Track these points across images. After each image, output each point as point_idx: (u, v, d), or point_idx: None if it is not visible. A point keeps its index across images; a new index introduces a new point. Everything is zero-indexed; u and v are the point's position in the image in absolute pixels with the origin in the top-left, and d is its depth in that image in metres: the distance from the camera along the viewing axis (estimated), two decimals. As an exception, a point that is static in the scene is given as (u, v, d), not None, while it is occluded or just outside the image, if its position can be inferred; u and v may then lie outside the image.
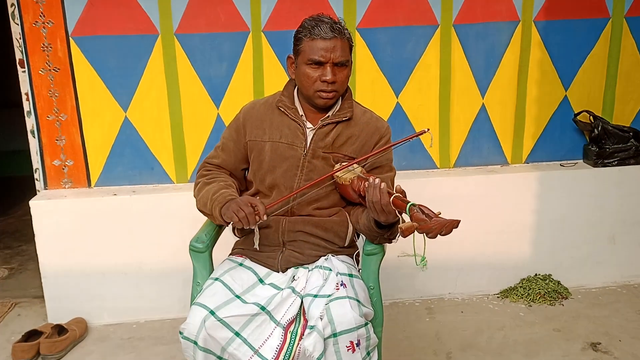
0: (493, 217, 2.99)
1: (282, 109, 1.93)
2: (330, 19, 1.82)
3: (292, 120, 1.92)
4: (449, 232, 1.46)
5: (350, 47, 1.87)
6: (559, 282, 3.05)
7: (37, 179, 2.88)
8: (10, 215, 4.48)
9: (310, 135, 1.91)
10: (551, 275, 3.07)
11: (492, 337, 2.66)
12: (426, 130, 1.71)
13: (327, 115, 1.92)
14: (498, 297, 3.04)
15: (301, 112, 1.94)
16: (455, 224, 1.45)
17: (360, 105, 2.01)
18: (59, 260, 2.80)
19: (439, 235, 1.47)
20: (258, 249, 1.89)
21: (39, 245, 2.78)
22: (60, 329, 2.69)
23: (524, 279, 3.06)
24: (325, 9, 2.76)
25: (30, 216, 2.76)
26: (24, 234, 3.97)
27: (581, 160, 3.13)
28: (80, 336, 2.72)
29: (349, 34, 1.85)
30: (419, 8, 2.83)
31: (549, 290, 2.98)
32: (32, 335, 2.64)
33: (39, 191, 2.88)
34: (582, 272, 3.11)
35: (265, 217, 1.77)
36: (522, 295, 2.98)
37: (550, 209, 3.02)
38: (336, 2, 2.77)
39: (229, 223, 1.82)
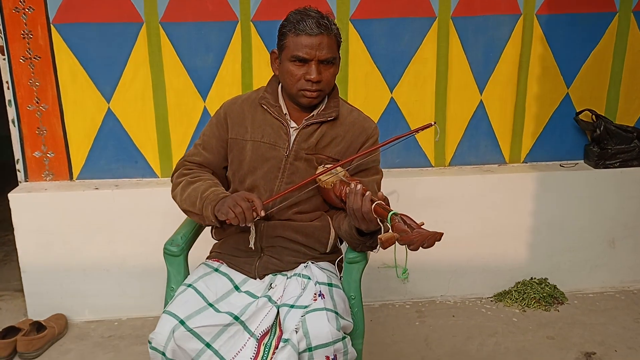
0: (489, 218, 2.89)
1: (265, 107, 1.83)
2: (318, 13, 1.71)
3: (275, 119, 1.82)
4: (431, 245, 1.37)
5: (338, 44, 1.76)
6: (555, 287, 2.96)
7: (18, 170, 2.80)
8: None
9: (293, 135, 1.81)
10: (547, 279, 2.98)
11: (483, 344, 2.57)
12: (432, 123, 1.61)
13: (311, 114, 1.82)
14: (492, 300, 2.95)
15: (285, 111, 1.84)
16: (438, 237, 1.37)
17: (347, 103, 1.91)
18: (39, 255, 2.72)
19: (420, 247, 1.38)
20: (253, 248, 1.79)
21: (18, 239, 2.70)
22: (38, 326, 2.61)
23: (519, 282, 2.97)
24: (318, -1, 2.65)
25: (10, 209, 2.69)
26: (12, 223, 3.89)
27: (582, 161, 3.02)
28: (59, 333, 2.65)
29: (337, 29, 1.74)
30: (415, -1, 2.71)
31: (545, 294, 2.89)
32: (9, 332, 2.56)
33: (20, 182, 2.80)
34: (580, 276, 3.01)
35: (262, 214, 1.66)
36: (517, 299, 2.89)
37: (548, 211, 2.91)
38: (329, -8, 2.66)
39: (222, 222, 1.71)
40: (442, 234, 1.36)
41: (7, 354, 2.48)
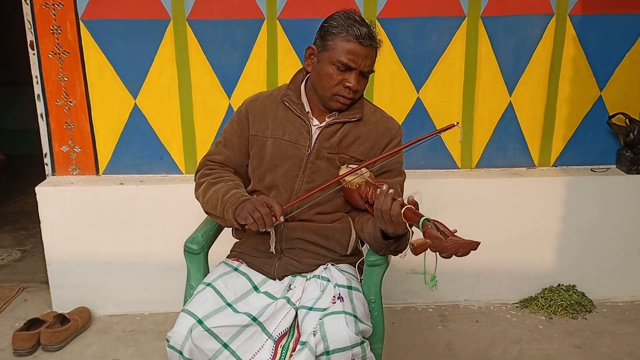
0: (516, 223, 2.83)
1: (287, 104, 1.81)
2: (366, 23, 1.68)
3: (297, 117, 1.80)
4: (466, 253, 1.32)
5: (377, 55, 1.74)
6: (583, 294, 2.88)
7: (46, 164, 2.83)
8: (30, 194, 4.47)
9: (315, 133, 1.79)
10: (575, 286, 2.90)
11: (506, 351, 2.51)
12: (455, 124, 1.56)
13: (334, 112, 1.80)
14: (517, 307, 2.89)
15: (307, 109, 1.82)
16: (474, 245, 1.32)
17: (370, 103, 1.88)
18: (65, 248, 2.75)
19: (454, 255, 1.34)
20: (274, 252, 1.78)
21: (44, 232, 2.73)
22: (62, 319, 2.64)
23: (545, 289, 2.90)
24: (345, -4, 2.62)
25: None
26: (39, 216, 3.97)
27: (614, 166, 2.93)
28: (82, 326, 2.68)
29: (381, 42, 1.72)
30: (444, -2, 2.66)
31: (572, 302, 2.81)
32: (34, 323, 2.60)
33: (47, 176, 2.83)
34: (609, 284, 2.92)
35: (282, 219, 1.64)
36: (543, 306, 2.82)
37: (578, 216, 2.84)
38: (357, -10, 2.63)
39: (243, 226, 1.70)
40: (479, 243, 1.31)
41: (30, 345, 2.51)
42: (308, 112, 1.81)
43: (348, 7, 1.75)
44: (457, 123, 1.56)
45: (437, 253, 1.35)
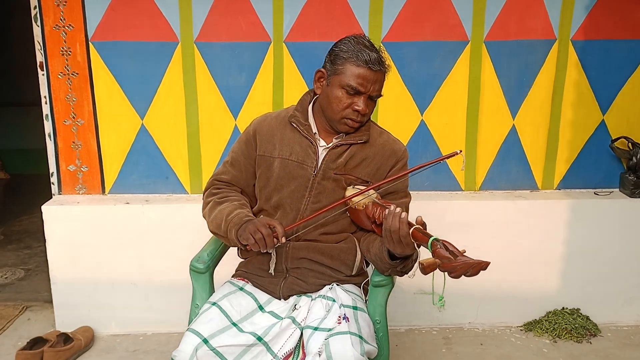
0: (520, 245, 2.83)
1: (295, 125, 1.83)
2: (376, 48, 1.71)
3: (305, 138, 1.82)
4: (475, 273, 1.33)
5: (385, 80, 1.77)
6: (587, 318, 2.87)
7: (52, 183, 2.85)
8: (34, 214, 4.50)
9: (322, 154, 1.81)
10: (579, 309, 2.89)
11: (511, 375, 2.50)
12: (458, 152, 1.57)
13: (341, 134, 1.82)
14: (521, 329, 2.88)
15: (315, 130, 1.84)
16: (483, 265, 1.32)
17: (376, 125, 1.91)
18: (69, 267, 2.76)
19: (463, 275, 1.34)
20: (273, 274, 1.79)
21: (50, 251, 2.75)
22: (65, 338, 2.64)
23: (550, 312, 2.89)
24: (350, 21, 2.66)
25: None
26: (44, 235, 3.97)
27: (617, 189, 2.94)
28: (85, 346, 2.67)
29: (389, 67, 1.75)
30: (448, 22, 2.70)
31: (577, 325, 2.80)
32: (37, 342, 2.59)
33: (54, 195, 2.85)
34: (614, 308, 2.91)
35: (283, 240, 1.65)
36: (547, 329, 2.81)
37: (581, 239, 2.84)
38: (362, 15, 2.67)
39: (246, 246, 1.71)
40: (489, 263, 1.32)
41: (33, 364, 2.50)
42: (315, 133, 1.83)
43: (354, 31, 1.79)
44: (460, 151, 1.57)
45: (446, 273, 1.35)
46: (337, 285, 1.79)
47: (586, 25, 2.73)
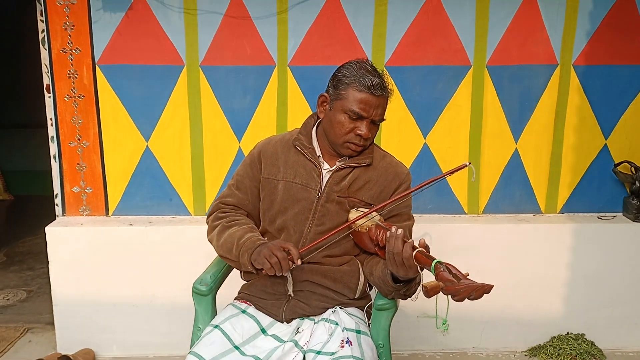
0: (523, 269, 2.82)
1: (299, 148, 1.84)
2: (378, 73, 1.73)
3: (308, 161, 1.83)
4: (478, 297, 1.32)
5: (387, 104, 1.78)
6: (592, 343, 2.84)
7: (56, 204, 2.86)
8: (37, 235, 4.50)
9: (326, 177, 1.82)
10: (584, 335, 2.87)
11: (515, 401, 2.47)
12: (467, 164, 1.57)
13: (345, 157, 1.83)
14: (525, 354, 2.85)
15: (318, 153, 1.85)
16: (487, 288, 1.32)
17: (380, 148, 1.92)
18: (72, 289, 2.75)
19: (466, 299, 1.34)
20: (292, 295, 1.78)
21: (52, 273, 2.74)
22: (66, 360, 2.62)
23: (554, 337, 2.87)
24: (354, 45, 2.69)
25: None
26: (47, 256, 3.97)
27: (620, 214, 2.94)
28: (86, 369, 2.66)
29: (392, 91, 1.76)
30: (451, 47, 2.73)
31: (582, 351, 2.78)
32: (37, 364, 2.58)
33: (57, 216, 2.86)
34: (619, 333, 2.89)
35: (299, 262, 1.65)
36: (552, 354, 2.78)
37: (585, 264, 2.83)
38: (365, 39, 2.70)
39: (258, 270, 1.70)
40: (492, 286, 1.31)
41: (34, 387, 2.49)
42: (319, 156, 1.84)
43: (357, 55, 1.81)
44: (470, 163, 1.58)
45: (450, 296, 1.35)
46: (340, 308, 1.78)
47: (587, 51, 2.76)
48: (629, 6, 2.74)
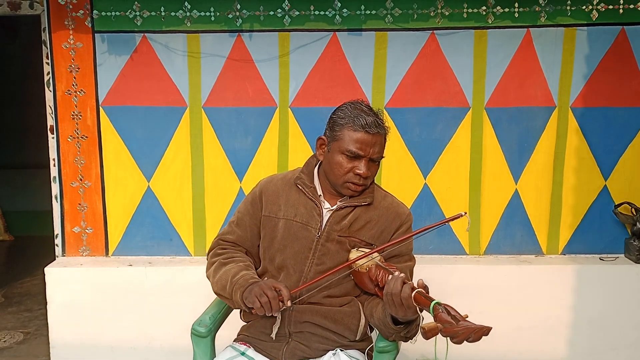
0: (525, 311, 2.79)
1: (300, 187, 1.85)
2: (372, 111, 1.75)
3: (309, 200, 1.83)
4: (477, 339, 1.31)
5: (386, 141, 1.80)
6: (597, 388, 2.79)
7: (57, 245, 2.86)
8: (36, 276, 4.47)
9: (326, 216, 1.82)
10: (589, 379, 2.82)
11: None
12: (463, 214, 1.58)
13: (346, 197, 1.84)
14: (530, 399, 2.79)
15: (320, 192, 1.85)
16: (485, 331, 1.30)
17: (381, 188, 1.92)
18: (70, 331, 2.73)
19: (465, 341, 1.33)
20: (274, 338, 1.76)
21: (50, 314, 2.73)
22: (61, 404, 2.57)
23: (558, 381, 2.82)
24: (354, 87, 2.74)
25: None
26: (45, 297, 3.94)
27: (622, 255, 2.93)
28: (81, 413, 2.60)
29: (388, 128, 1.78)
30: (449, 90, 2.78)
31: (587, 395, 2.72)
32: (31, 409, 2.53)
33: (57, 257, 2.85)
34: (624, 377, 2.84)
35: (289, 303, 1.64)
36: (557, 399, 2.73)
37: (588, 306, 2.80)
38: (365, 81, 2.75)
39: (251, 309, 1.69)
40: (490, 328, 1.30)
41: None
42: (320, 195, 1.85)
43: (357, 97, 1.84)
44: (465, 213, 1.58)
45: (448, 338, 1.33)
46: (341, 350, 1.75)
47: (585, 93, 2.80)
48: (625, 49, 2.79)
